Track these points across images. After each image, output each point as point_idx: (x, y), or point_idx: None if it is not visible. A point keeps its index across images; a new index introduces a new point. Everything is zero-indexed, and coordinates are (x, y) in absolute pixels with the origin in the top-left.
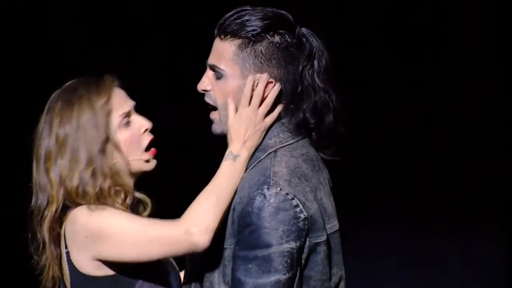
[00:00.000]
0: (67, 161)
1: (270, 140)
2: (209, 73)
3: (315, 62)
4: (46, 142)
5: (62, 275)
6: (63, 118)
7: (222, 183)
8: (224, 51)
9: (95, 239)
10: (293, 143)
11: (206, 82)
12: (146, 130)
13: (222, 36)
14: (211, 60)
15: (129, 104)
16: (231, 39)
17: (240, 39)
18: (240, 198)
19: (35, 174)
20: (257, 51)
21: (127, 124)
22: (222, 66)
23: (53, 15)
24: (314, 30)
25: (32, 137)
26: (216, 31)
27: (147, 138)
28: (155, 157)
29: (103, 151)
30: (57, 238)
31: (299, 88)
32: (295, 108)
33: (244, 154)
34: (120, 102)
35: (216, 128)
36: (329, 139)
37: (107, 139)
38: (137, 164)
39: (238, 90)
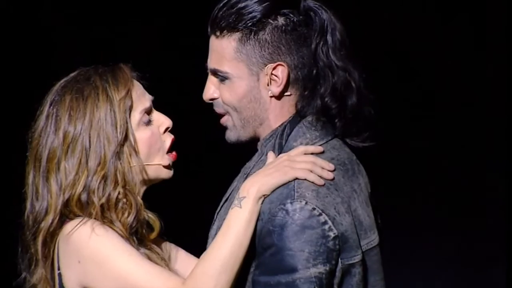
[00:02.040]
0: (74, 163)
1: (295, 142)
2: (212, 79)
3: (328, 38)
4: (50, 140)
5: None
6: (74, 112)
7: (232, 236)
8: (224, 51)
9: (88, 267)
10: (321, 145)
11: (212, 89)
12: (167, 129)
13: (218, 33)
14: (211, 63)
15: (149, 98)
16: (229, 34)
17: (239, 32)
18: (260, 215)
19: (31, 178)
20: (261, 41)
21: (148, 122)
22: (226, 68)
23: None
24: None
25: (29, 134)
26: (209, 29)
27: (169, 138)
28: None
29: (118, 153)
30: (49, 254)
31: (314, 71)
32: (311, 95)
33: (253, 194)
34: (140, 96)
35: (231, 136)
36: (356, 124)
37: (124, 140)
38: (155, 170)
39: (250, 90)
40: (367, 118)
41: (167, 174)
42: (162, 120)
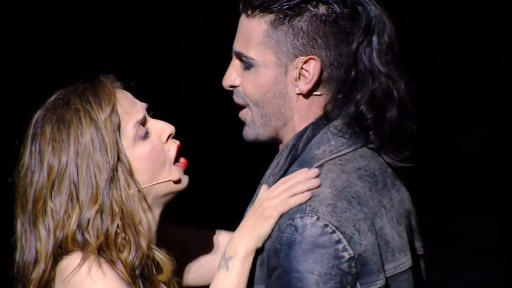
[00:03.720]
0: (61, 201)
1: (317, 150)
2: (235, 64)
3: (374, 38)
4: (35, 179)
5: None
6: (57, 144)
7: None
8: (253, 33)
9: None
10: (347, 153)
11: (233, 76)
12: (169, 136)
13: (249, 12)
14: (237, 45)
15: (141, 107)
16: (261, 14)
17: (272, 14)
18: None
19: (19, 226)
20: (296, 28)
21: (146, 134)
22: (251, 53)
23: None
24: None
25: (14, 178)
26: (241, 6)
27: (173, 146)
28: (185, 172)
29: (112, 181)
30: None
31: (353, 73)
32: (344, 99)
33: (240, 252)
34: (129, 108)
35: (249, 133)
36: (394, 140)
37: (117, 164)
38: (166, 186)
39: (275, 82)
40: (408, 135)
41: (180, 186)
42: (162, 128)
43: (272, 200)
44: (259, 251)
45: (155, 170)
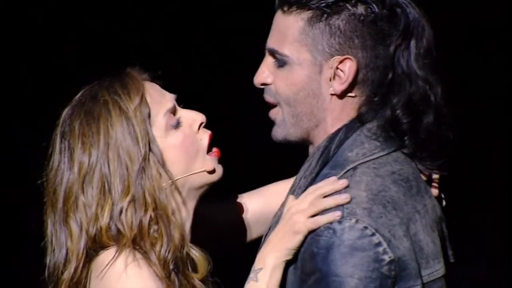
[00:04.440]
0: (92, 196)
1: (350, 152)
2: (268, 61)
3: (412, 42)
4: (66, 177)
5: None
6: (87, 138)
7: None
8: (288, 29)
9: None
10: (381, 156)
11: (265, 73)
12: (201, 124)
13: (285, 8)
14: (271, 42)
15: (170, 97)
16: (298, 11)
17: (310, 11)
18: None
19: (50, 227)
20: (333, 26)
21: (177, 124)
22: (286, 50)
23: None
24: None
25: (44, 178)
26: (277, 2)
27: (206, 135)
28: (219, 161)
29: (144, 170)
30: None
31: (389, 76)
32: (381, 102)
33: (270, 264)
34: (159, 97)
35: (278, 132)
36: (429, 147)
37: (148, 154)
38: (200, 177)
39: (309, 81)
40: (443, 142)
41: (215, 176)
42: (193, 117)
43: (302, 215)
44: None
45: (188, 160)
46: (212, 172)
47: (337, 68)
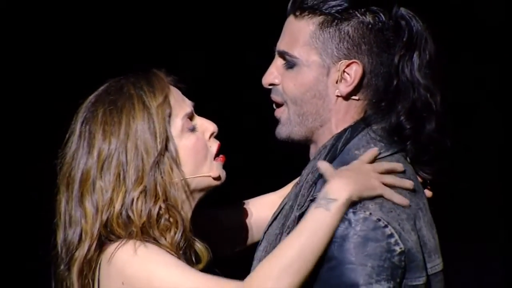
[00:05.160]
0: (110, 180)
1: (357, 151)
2: (278, 62)
3: (416, 53)
4: (83, 161)
5: None
6: (109, 127)
7: (306, 237)
8: (299, 33)
9: (134, 286)
10: (385, 156)
11: (274, 74)
12: (212, 134)
13: (298, 13)
14: (281, 45)
15: (189, 104)
16: (310, 16)
17: (321, 16)
18: None
19: (63, 205)
20: (343, 32)
21: (193, 128)
22: (296, 52)
23: None
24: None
25: (58, 159)
26: (289, 7)
27: (215, 144)
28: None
29: (158, 164)
30: (89, 284)
31: (394, 83)
32: (386, 108)
33: (343, 197)
34: (179, 101)
35: (282, 131)
36: (429, 152)
37: (165, 150)
38: (205, 182)
39: (316, 83)
40: (442, 149)
41: (218, 182)
42: (206, 126)
43: (379, 178)
44: None
45: (197, 162)
46: (217, 178)
47: (344, 71)
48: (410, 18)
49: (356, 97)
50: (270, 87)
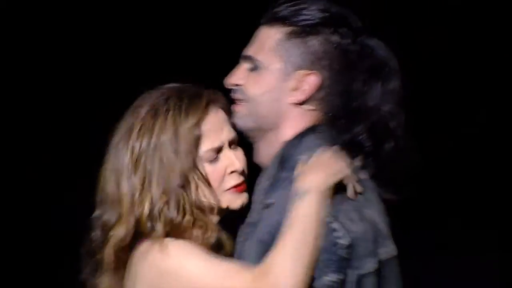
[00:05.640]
0: (139, 180)
1: (302, 156)
2: (242, 66)
3: (379, 82)
4: (121, 154)
5: None
6: (143, 128)
7: (298, 229)
8: (267, 40)
9: (163, 279)
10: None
11: (239, 76)
12: (234, 171)
13: (269, 23)
14: (248, 51)
15: (225, 136)
16: (280, 25)
17: (290, 27)
18: (267, 228)
19: (104, 180)
20: (308, 44)
21: (215, 159)
22: (260, 56)
23: None
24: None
25: (111, 135)
26: (263, 18)
27: (232, 181)
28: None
29: (183, 183)
30: (122, 266)
31: (353, 104)
32: (344, 126)
33: (312, 189)
34: (215, 130)
35: (240, 120)
36: (391, 171)
37: (190, 169)
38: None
39: (274, 87)
40: (405, 168)
41: (236, 205)
42: (231, 161)
43: (346, 167)
44: (258, 248)
45: (209, 190)
46: (224, 209)
47: (302, 80)
48: (376, 47)
49: (311, 107)
50: (232, 87)
